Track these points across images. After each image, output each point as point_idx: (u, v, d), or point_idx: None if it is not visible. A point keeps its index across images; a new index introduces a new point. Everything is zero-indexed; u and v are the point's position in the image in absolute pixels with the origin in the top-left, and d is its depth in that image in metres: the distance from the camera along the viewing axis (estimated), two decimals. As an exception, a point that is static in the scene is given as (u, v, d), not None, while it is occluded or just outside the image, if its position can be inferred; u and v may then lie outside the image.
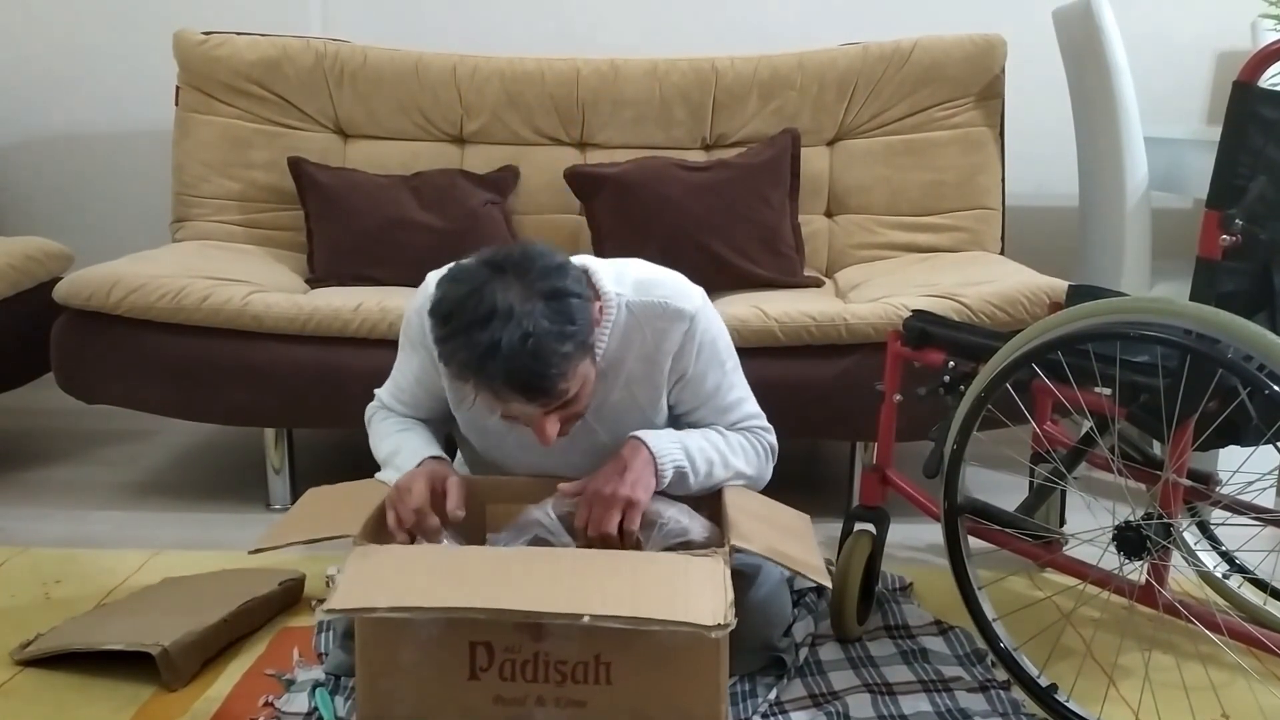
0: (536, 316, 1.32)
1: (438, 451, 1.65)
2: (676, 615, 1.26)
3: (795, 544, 1.53)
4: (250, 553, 1.49)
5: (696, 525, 1.55)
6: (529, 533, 1.54)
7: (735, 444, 1.66)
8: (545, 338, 1.32)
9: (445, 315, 1.36)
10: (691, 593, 1.30)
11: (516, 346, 1.31)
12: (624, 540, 1.50)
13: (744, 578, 1.59)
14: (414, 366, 1.67)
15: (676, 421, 1.69)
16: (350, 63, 2.71)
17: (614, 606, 1.26)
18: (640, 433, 1.58)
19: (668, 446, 1.57)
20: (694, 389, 1.62)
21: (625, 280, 1.57)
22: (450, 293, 1.36)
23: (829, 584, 1.47)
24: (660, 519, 1.54)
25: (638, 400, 1.60)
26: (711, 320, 1.62)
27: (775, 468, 1.70)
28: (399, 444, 1.67)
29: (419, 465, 1.59)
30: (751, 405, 1.71)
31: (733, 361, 1.68)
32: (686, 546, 1.51)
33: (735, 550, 1.43)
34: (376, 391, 1.77)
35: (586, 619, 1.25)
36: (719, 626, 1.25)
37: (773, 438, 1.72)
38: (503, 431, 1.62)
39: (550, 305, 1.34)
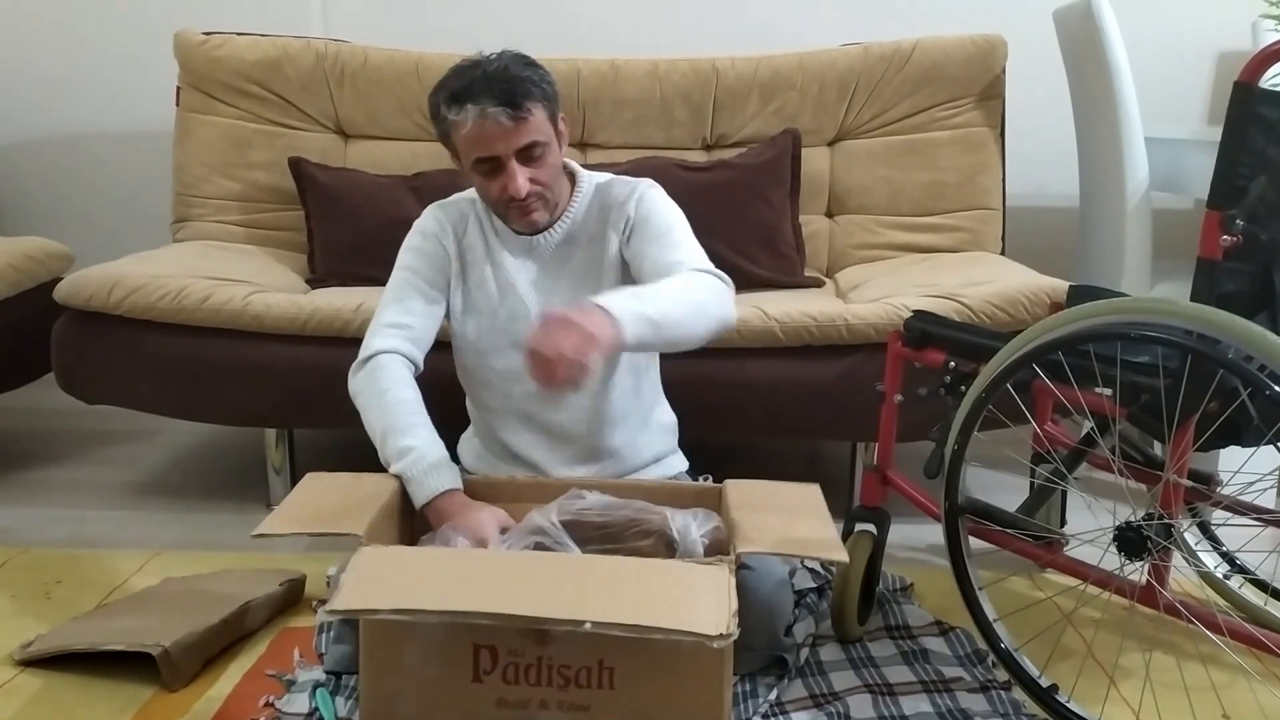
0: (510, 62, 1.72)
1: (449, 462, 1.68)
2: (679, 624, 1.25)
3: (804, 523, 1.52)
4: (253, 536, 1.48)
5: (698, 534, 1.55)
6: (532, 538, 1.54)
7: (683, 281, 1.66)
8: (517, 64, 1.71)
9: (442, 80, 1.73)
10: (695, 601, 1.30)
11: (496, 67, 1.70)
12: (577, 387, 1.43)
13: (747, 569, 1.60)
14: (423, 261, 1.84)
15: (633, 279, 1.79)
16: (351, 63, 2.71)
17: (617, 614, 1.26)
18: (591, 299, 1.51)
19: (619, 299, 1.52)
20: (640, 232, 1.81)
21: (596, 174, 1.91)
22: (445, 75, 1.74)
23: (845, 558, 1.46)
24: (673, 534, 1.53)
25: (596, 258, 1.83)
26: (660, 191, 1.86)
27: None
28: (409, 441, 1.67)
29: (457, 497, 1.65)
30: (699, 251, 1.78)
31: (681, 219, 1.83)
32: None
33: (741, 556, 1.43)
34: (368, 338, 1.82)
35: (588, 626, 1.24)
36: (721, 636, 1.24)
37: (725, 276, 1.73)
38: (494, 307, 1.83)
39: (522, 64, 1.72)
